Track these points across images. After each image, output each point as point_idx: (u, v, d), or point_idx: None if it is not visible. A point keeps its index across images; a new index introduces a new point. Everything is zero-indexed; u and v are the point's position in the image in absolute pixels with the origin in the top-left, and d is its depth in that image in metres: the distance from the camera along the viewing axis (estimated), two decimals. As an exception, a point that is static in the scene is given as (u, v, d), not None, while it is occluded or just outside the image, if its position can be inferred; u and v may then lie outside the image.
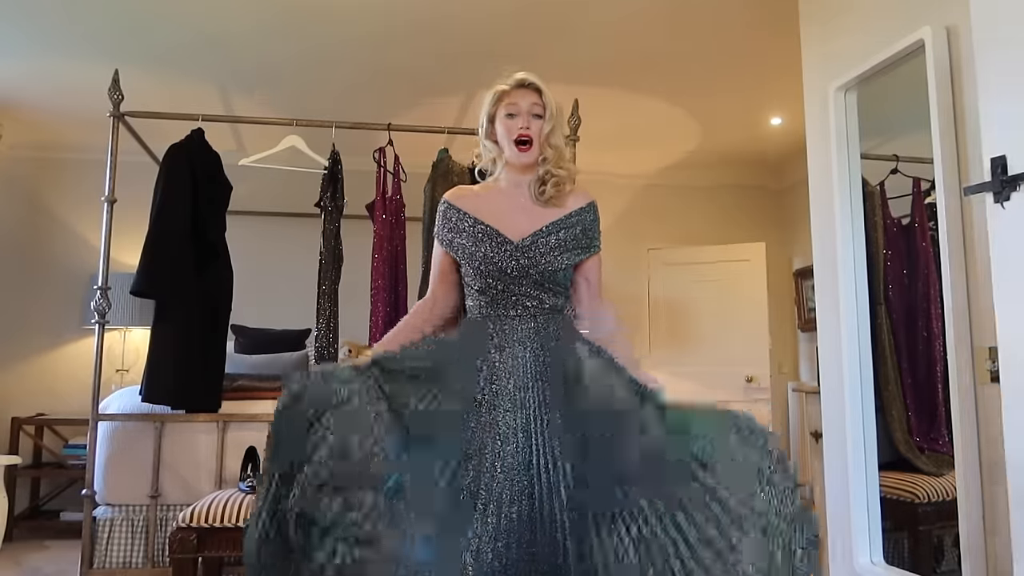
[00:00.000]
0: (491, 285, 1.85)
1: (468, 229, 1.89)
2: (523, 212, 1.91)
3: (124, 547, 3.22)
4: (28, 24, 3.57)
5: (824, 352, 2.70)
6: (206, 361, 3.28)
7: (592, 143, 4.50)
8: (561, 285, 1.90)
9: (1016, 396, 1.60)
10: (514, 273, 1.84)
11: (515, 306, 1.85)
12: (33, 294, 5.07)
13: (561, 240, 1.88)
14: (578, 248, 1.92)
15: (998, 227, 1.65)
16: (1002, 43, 1.66)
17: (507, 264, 1.84)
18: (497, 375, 1.78)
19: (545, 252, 1.86)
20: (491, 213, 1.90)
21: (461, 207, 1.92)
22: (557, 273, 1.87)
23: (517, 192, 1.94)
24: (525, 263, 1.84)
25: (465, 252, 1.88)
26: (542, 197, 1.91)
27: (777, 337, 5.83)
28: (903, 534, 2.46)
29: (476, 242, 1.87)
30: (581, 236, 1.93)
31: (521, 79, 1.97)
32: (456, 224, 1.91)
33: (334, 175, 3.47)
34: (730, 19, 3.51)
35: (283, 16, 3.51)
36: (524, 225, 1.88)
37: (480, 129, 1.99)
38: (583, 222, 1.94)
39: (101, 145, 3.64)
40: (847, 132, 2.56)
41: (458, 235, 1.90)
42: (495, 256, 1.84)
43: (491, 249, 1.85)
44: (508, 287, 1.84)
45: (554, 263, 1.86)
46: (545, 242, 1.87)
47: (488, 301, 1.86)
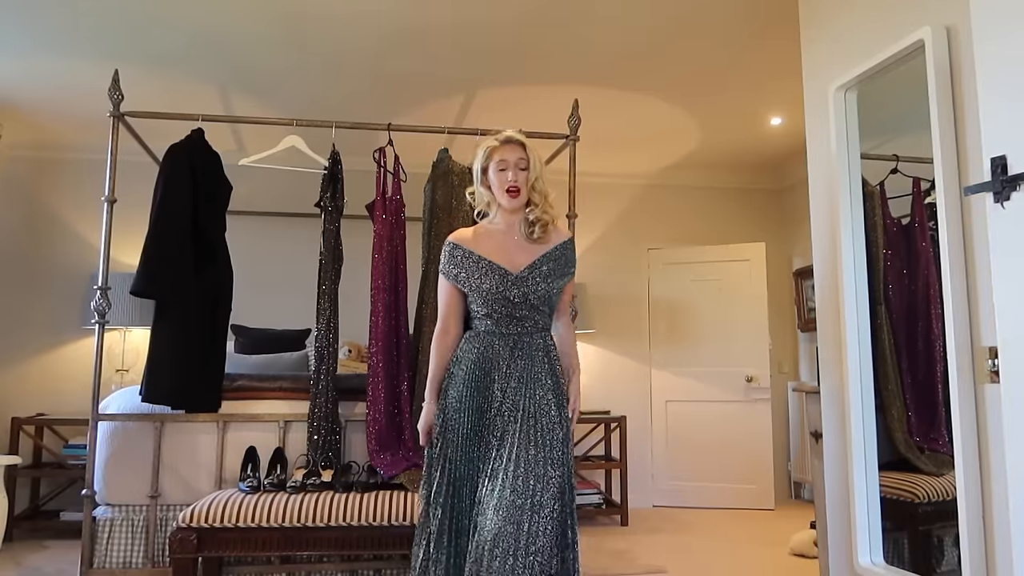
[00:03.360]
0: (495, 310, 2.28)
1: (474, 265, 2.30)
2: (517, 248, 2.34)
3: (124, 547, 3.22)
4: (28, 24, 3.57)
5: (824, 352, 2.70)
6: (206, 361, 3.28)
7: (592, 143, 4.51)
8: (551, 306, 2.35)
9: (1016, 396, 1.60)
10: (515, 299, 2.27)
11: (516, 325, 2.29)
12: (33, 294, 5.07)
13: (550, 269, 2.33)
14: (561, 274, 2.36)
15: (998, 227, 1.65)
16: (1002, 43, 1.66)
17: (509, 292, 2.27)
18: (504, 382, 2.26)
19: (539, 280, 2.30)
20: (491, 251, 2.33)
21: (466, 246, 2.34)
22: (551, 297, 2.33)
23: (510, 231, 2.37)
24: (525, 290, 2.28)
25: (472, 284, 2.30)
26: (532, 236, 2.34)
27: (777, 337, 5.83)
28: (903, 534, 2.45)
29: (482, 276, 2.29)
30: (564, 264, 2.37)
31: (508, 137, 2.34)
32: (462, 261, 2.32)
33: (334, 175, 3.47)
34: (730, 19, 3.51)
35: (283, 18, 3.52)
36: (519, 259, 2.32)
37: (475, 178, 2.40)
38: (565, 254, 2.38)
39: (101, 145, 3.64)
40: (847, 132, 2.56)
41: (464, 270, 2.31)
42: (499, 287, 2.27)
43: (495, 281, 2.27)
44: (509, 311, 2.28)
45: (547, 288, 2.31)
46: (538, 272, 2.31)
47: (493, 322, 2.30)
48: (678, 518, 5.16)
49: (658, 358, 5.81)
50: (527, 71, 4.09)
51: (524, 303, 2.27)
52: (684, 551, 4.22)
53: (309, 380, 3.38)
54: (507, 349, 2.26)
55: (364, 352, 4.64)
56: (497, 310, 2.27)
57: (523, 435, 2.17)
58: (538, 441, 2.18)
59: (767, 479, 5.41)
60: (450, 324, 2.36)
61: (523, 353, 2.26)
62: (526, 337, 2.28)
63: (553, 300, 2.34)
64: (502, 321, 2.28)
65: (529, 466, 2.13)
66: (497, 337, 2.28)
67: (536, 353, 2.28)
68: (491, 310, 2.28)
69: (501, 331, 2.28)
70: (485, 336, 2.29)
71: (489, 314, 2.28)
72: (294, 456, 3.29)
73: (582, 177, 3.80)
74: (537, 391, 2.23)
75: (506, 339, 2.27)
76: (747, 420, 5.49)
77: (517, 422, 2.19)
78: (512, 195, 2.30)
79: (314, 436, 3.24)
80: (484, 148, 2.36)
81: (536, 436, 2.18)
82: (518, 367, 2.25)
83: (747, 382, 5.52)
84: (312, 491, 2.94)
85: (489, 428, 2.23)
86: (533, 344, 2.28)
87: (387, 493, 2.94)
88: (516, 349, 2.26)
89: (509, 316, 2.27)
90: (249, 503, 2.80)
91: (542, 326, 2.33)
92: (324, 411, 3.27)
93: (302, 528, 2.76)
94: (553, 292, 2.32)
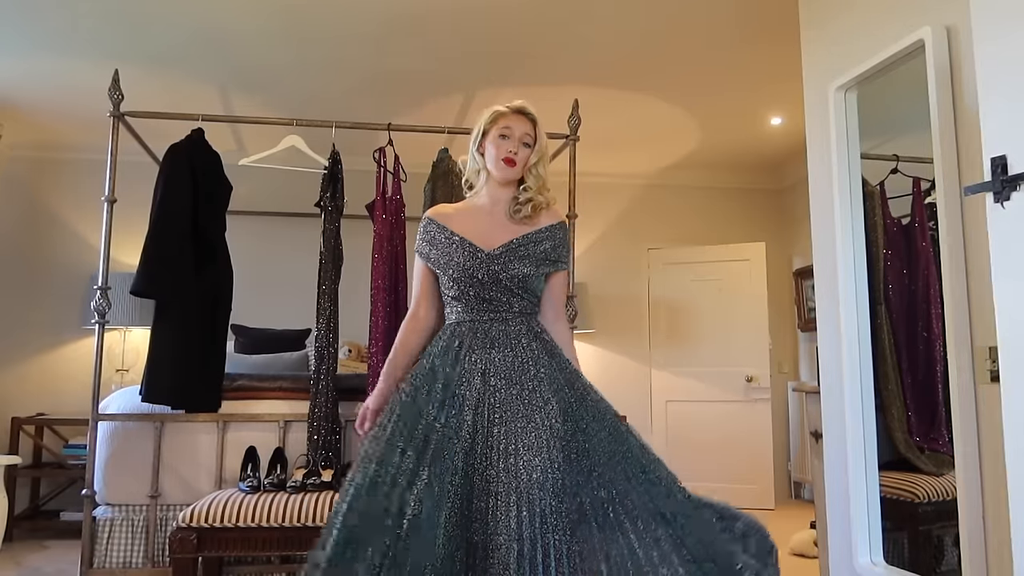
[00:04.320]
0: (464, 292, 1.99)
1: (444, 241, 2.05)
2: (498, 226, 2.06)
3: (124, 547, 3.22)
4: (28, 24, 3.57)
5: (824, 352, 2.70)
6: (206, 361, 3.28)
7: (592, 143, 4.51)
8: (531, 292, 2.02)
9: (1016, 396, 1.60)
10: (485, 279, 1.98)
11: (488, 310, 1.99)
12: (33, 294, 5.07)
13: (531, 252, 2.03)
14: (547, 261, 2.06)
15: (998, 227, 1.65)
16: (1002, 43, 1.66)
17: (478, 271, 1.98)
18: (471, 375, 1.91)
19: (514, 260, 2.00)
20: (467, 227, 2.06)
21: (440, 222, 2.09)
22: (528, 279, 2.00)
23: (495, 209, 2.10)
24: (496, 269, 1.98)
25: (440, 262, 2.04)
26: (516, 215, 2.07)
27: (777, 337, 5.83)
28: (903, 534, 2.46)
29: (450, 252, 2.02)
30: (550, 250, 2.07)
31: (520, 106, 2.10)
32: (434, 237, 2.07)
33: (334, 175, 3.47)
34: (730, 19, 3.51)
35: (283, 17, 3.52)
36: (497, 237, 2.04)
37: (472, 140, 2.14)
38: (553, 238, 2.08)
39: (101, 145, 3.64)
40: (847, 132, 2.56)
41: (434, 247, 2.06)
42: (467, 264, 1.99)
43: (463, 257, 2.00)
44: (480, 293, 1.98)
45: (523, 271, 2.00)
46: (514, 253, 2.01)
47: (463, 307, 2.00)
48: (678, 518, 5.15)
49: (658, 358, 5.81)
50: (527, 71, 4.09)
51: (495, 284, 1.97)
52: (684, 551, 4.21)
53: (309, 380, 3.38)
54: (480, 338, 1.94)
55: (364, 352, 4.64)
56: (466, 292, 1.98)
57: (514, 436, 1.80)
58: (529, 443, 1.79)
59: (767, 479, 5.41)
60: (420, 308, 2.10)
61: (500, 343, 1.93)
62: (499, 324, 1.96)
63: (533, 286, 2.01)
64: (471, 306, 1.98)
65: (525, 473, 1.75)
66: (467, 326, 1.97)
67: (519, 340, 1.95)
68: (459, 292, 1.99)
69: (473, 318, 1.98)
70: (455, 327, 2.00)
71: (458, 297, 2.00)
72: (294, 456, 3.29)
73: (582, 177, 3.80)
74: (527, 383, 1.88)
75: (476, 327, 1.96)
76: (747, 420, 5.49)
77: (504, 423, 1.82)
78: (507, 164, 2.03)
79: (314, 436, 3.24)
80: (491, 111, 2.10)
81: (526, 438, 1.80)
82: (498, 359, 1.91)
83: (747, 382, 5.52)
84: (312, 491, 2.94)
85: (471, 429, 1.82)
86: (510, 331, 1.95)
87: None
88: (490, 338, 1.94)
89: (479, 299, 1.97)
90: (249, 503, 2.80)
91: (519, 310, 1.99)
92: (324, 411, 3.27)
93: (302, 528, 2.76)
94: (532, 277, 2.00)
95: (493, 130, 2.08)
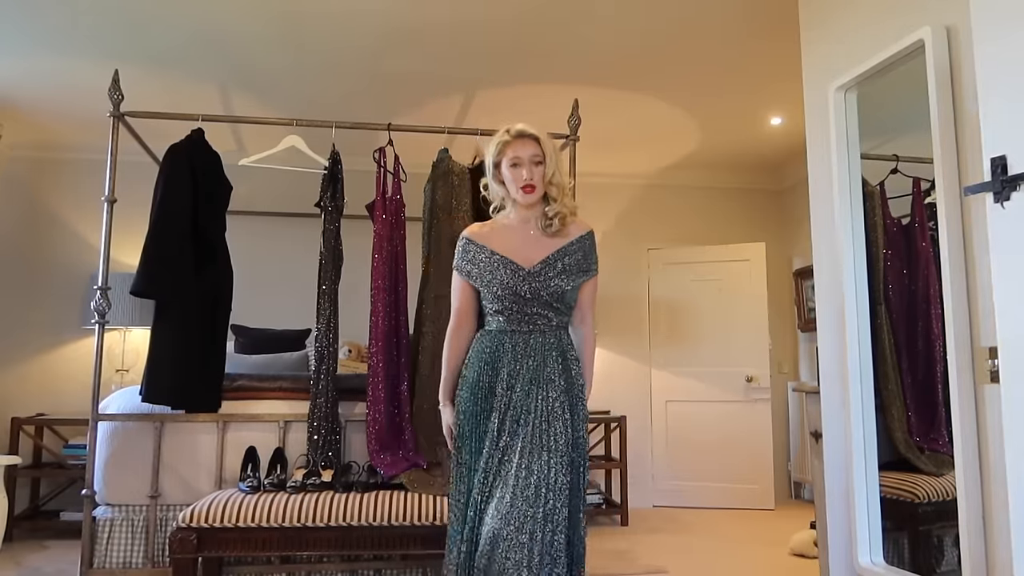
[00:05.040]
0: (507, 307, 2.19)
1: (486, 260, 2.22)
2: (532, 243, 2.23)
3: (124, 547, 3.22)
4: (28, 24, 3.57)
5: (824, 352, 2.70)
6: (206, 361, 3.28)
7: (592, 143, 4.51)
8: (567, 304, 2.23)
9: (1016, 396, 1.60)
10: (527, 296, 2.18)
11: (528, 322, 2.20)
12: (33, 294, 5.07)
13: (566, 265, 2.22)
14: (580, 271, 2.24)
15: (998, 227, 1.65)
16: (1002, 43, 1.66)
17: (521, 288, 2.17)
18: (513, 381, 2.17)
19: (553, 276, 2.19)
20: (505, 245, 2.23)
21: (479, 241, 2.26)
22: (565, 294, 2.21)
23: (526, 226, 2.26)
24: (537, 286, 2.18)
25: (483, 280, 2.22)
26: (549, 230, 2.23)
27: (777, 337, 5.83)
28: (903, 534, 2.45)
29: (493, 271, 2.20)
30: (583, 260, 2.25)
31: (520, 130, 2.23)
32: (475, 256, 2.25)
33: (334, 175, 3.47)
34: (730, 19, 3.51)
35: (281, 16, 3.52)
36: (534, 254, 2.21)
37: (488, 173, 2.30)
38: (583, 248, 2.26)
39: (101, 145, 3.63)
40: (847, 132, 2.56)
41: (475, 265, 2.24)
42: (510, 282, 2.18)
43: (507, 276, 2.19)
44: (522, 308, 2.19)
45: (561, 285, 2.20)
46: (552, 268, 2.20)
47: (505, 319, 2.21)
48: (678, 518, 5.16)
49: (658, 358, 5.81)
50: (527, 71, 4.09)
51: (536, 300, 2.18)
52: (684, 551, 4.22)
53: (309, 380, 3.38)
54: (518, 348, 2.18)
55: (364, 352, 4.64)
56: (508, 307, 2.18)
57: (535, 439, 2.09)
58: (550, 446, 2.09)
59: (767, 479, 5.41)
60: (463, 321, 2.29)
61: (535, 352, 2.17)
62: (538, 336, 2.19)
63: (568, 298, 2.23)
64: (513, 318, 2.19)
65: (542, 473, 2.05)
66: (508, 335, 2.19)
67: (549, 352, 2.18)
68: (502, 307, 2.19)
69: (512, 328, 2.19)
70: (496, 335, 2.21)
71: (500, 311, 2.20)
72: (294, 456, 3.29)
73: (582, 177, 3.80)
74: (550, 392, 2.14)
75: (516, 337, 2.19)
76: (747, 420, 5.49)
77: (528, 424, 2.10)
78: (528, 191, 2.21)
79: (314, 436, 3.24)
80: (496, 143, 2.25)
81: (548, 441, 2.09)
82: (529, 367, 2.16)
83: (747, 382, 5.52)
84: (312, 491, 2.94)
85: (500, 430, 2.14)
86: (546, 343, 2.19)
87: (387, 493, 2.93)
88: (527, 348, 2.17)
89: (521, 313, 2.18)
90: (249, 503, 2.80)
91: (556, 324, 2.22)
92: (324, 411, 3.27)
93: (302, 528, 2.76)
94: (568, 289, 2.21)
95: (503, 161, 2.23)
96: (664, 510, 5.44)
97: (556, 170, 2.23)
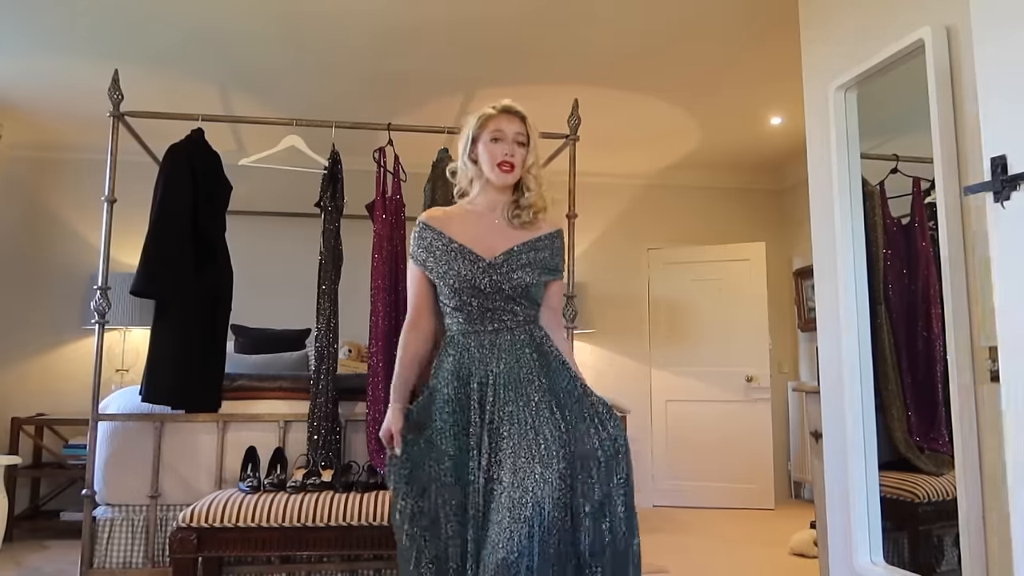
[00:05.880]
0: (465, 302, 1.95)
1: (443, 248, 1.99)
2: (497, 233, 2.01)
3: (124, 547, 3.22)
4: (28, 24, 3.57)
5: (824, 352, 2.70)
6: (206, 361, 3.28)
7: (592, 143, 4.51)
8: (533, 300, 2.00)
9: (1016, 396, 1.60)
10: (487, 289, 1.94)
11: (491, 321, 1.96)
12: (33, 294, 5.07)
13: (532, 260, 2.00)
14: (546, 269, 2.02)
15: (998, 227, 1.65)
16: (1002, 43, 1.66)
17: (480, 280, 1.94)
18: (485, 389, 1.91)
19: (516, 268, 1.96)
20: (465, 233, 2.00)
21: (436, 227, 2.02)
22: (530, 288, 1.97)
23: (492, 214, 2.05)
24: (497, 279, 1.94)
25: (439, 271, 1.98)
26: (516, 220, 2.02)
27: (777, 337, 5.83)
28: (903, 534, 2.45)
29: (450, 261, 1.97)
30: (549, 259, 2.04)
31: (508, 106, 2.05)
32: (431, 244, 2.01)
33: (334, 175, 3.47)
34: (730, 19, 3.51)
35: (280, 16, 3.52)
36: (497, 244, 1.99)
37: (462, 148, 2.07)
38: (551, 247, 2.05)
39: (101, 145, 3.63)
40: (847, 132, 2.56)
41: (431, 254, 2.00)
42: (468, 273, 1.95)
43: (464, 267, 1.96)
44: (483, 303, 1.95)
45: (525, 279, 1.96)
46: (516, 260, 1.98)
47: (465, 318, 1.97)
48: (678, 518, 5.16)
49: (658, 358, 5.81)
50: (527, 71, 4.09)
51: (498, 293, 1.94)
52: (684, 551, 4.22)
53: (309, 380, 3.38)
54: (484, 350, 1.93)
55: (364, 352, 4.64)
56: (467, 303, 1.95)
57: (524, 451, 1.81)
58: (541, 457, 1.80)
59: (767, 479, 5.41)
60: (421, 317, 2.05)
61: (505, 352, 1.92)
62: (505, 334, 1.94)
63: (534, 293, 1.99)
64: (474, 317, 1.95)
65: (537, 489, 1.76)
66: (472, 337, 1.95)
67: (522, 350, 1.93)
68: (460, 302, 1.95)
69: (476, 329, 1.95)
70: (460, 338, 1.97)
71: (459, 307, 1.96)
72: (294, 456, 3.28)
73: (582, 177, 3.80)
74: (531, 395, 1.88)
75: (482, 338, 1.94)
76: (747, 420, 5.49)
77: (512, 437, 1.84)
78: (504, 170, 1.99)
79: (314, 436, 3.24)
80: (478, 116, 2.05)
81: (537, 451, 1.81)
82: (501, 370, 1.91)
83: (747, 382, 5.52)
84: (312, 491, 2.94)
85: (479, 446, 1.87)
86: (516, 340, 1.94)
87: (387, 493, 2.93)
88: (495, 349, 1.93)
89: (482, 309, 1.95)
90: (249, 503, 2.80)
91: (524, 319, 1.97)
92: (324, 411, 3.27)
93: (302, 528, 2.76)
94: (533, 283, 1.97)
95: (483, 135, 2.03)
96: (664, 510, 5.44)
97: (536, 161, 2.05)
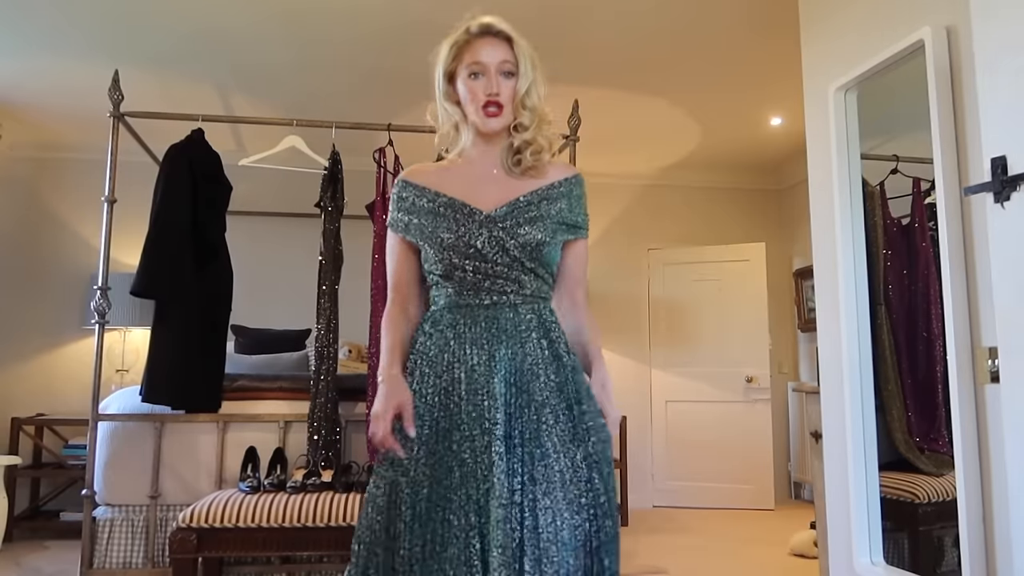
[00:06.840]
0: (457, 267, 1.50)
1: (427, 205, 1.55)
2: (495, 182, 1.57)
3: (124, 547, 3.22)
4: (27, 24, 3.57)
5: (824, 352, 2.70)
6: (206, 361, 3.28)
7: (592, 143, 4.50)
8: (546, 265, 1.54)
9: (1016, 396, 1.60)
10: (485, 250, 1.49)
11: (489, 293, 1.51)
12: (33, 294, 5.07)
13: (543, 212, 1.53)
14: (564, 224, 1.56)
15: (998, 227, 1.65)
16: (1002, 43, 1.66)
17: (476, 238, 1.49)
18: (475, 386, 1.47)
19: (524, 223, 1.51)
20: (455, 186, 1.56)
21: (419, 182, 1.58)
22: (542, 247, 1.51)
23: (486, 162, 1.59)
24: (500, 235, 1.49)
25: (425, 231, 1.53)
26: (518, 167, 1.57)
27: (777, 337, 5.83)
28: (903, 534, 2.45)
29: (437, 218, 1.53)
30: (567, 211, 1.57)
31: (485, 26, 1.61)
32: (413, 203, 1.57)
33: (334, 175, 3.47)
34: (730, 19, 3.51)
35: (282, 17, 3.52)
36: (497, 195, 1.55)
37: (436, 89, 1.62)
38: (569, 195, 1.58)
39: (101, 145, 3.64)
40: (847, 132, 2.56)
41: (414, 215, 1.56)
42: (461, 230, 1.50)
43: (456, 223, 1.51)
44: (479, 268, 1.50)
45: (536, 236, 1.50)
46: (523, 212, 1.52)
47: (455, 289, 1.52)
48: (678, 518, 5.16)
49: (658, 358, 5.81)
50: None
51: (500, 253, 1.49)
52: (684, 551, 4.21)
53: (309, 380, 3.38)
54: (478, 330, 1.49)
55: (364, 352, 4.63)
56: (459, 266, 1.49)
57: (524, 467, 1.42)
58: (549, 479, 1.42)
59: (767, 479, 5.41)
60: (404, 300, 1.59)
61: (507, 335, 1.48)
62: (507, 310, 1.50)
63: (548, 256, 1.52)
64: (467, 287, 1.50)
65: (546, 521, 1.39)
66: (461, 313, 1.51)
67: (529, 334, 1.49)
68: (449, 268, 1.50)
69: (467, 302, 1.51)
70: (446, 314, 1.52)
71: (447, 275, 1.51)
72: (294, 456, 3.29)
73: (582, 177, 3.80)
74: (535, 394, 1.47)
75: (476, 313, 1.50)
76: (747, 420, 5.49)
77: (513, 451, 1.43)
78: (491, 113, 1.53)
79: (314, 436, 3.24)
80: (450, 45, 1.60)
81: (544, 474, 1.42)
82: (498, 360, 1.46)
83: (747, 382, 5.52)
84: (312, 491, 2.94)
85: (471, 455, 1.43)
86: (520, 320, 1.50)
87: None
88: (492, 330, 1.48)
89: (478, 276, 1.49)
90: (249, 503, 2.80)
91: (532, 292, 1.52)
92: (324, 411, 3.27)
93: (302, 528, 2.76)
94: (546, 245, 1.51)
95: (460, 69, 1.58)
96: (664, 510, 5.44)
97: (534, 87, 1.57)
